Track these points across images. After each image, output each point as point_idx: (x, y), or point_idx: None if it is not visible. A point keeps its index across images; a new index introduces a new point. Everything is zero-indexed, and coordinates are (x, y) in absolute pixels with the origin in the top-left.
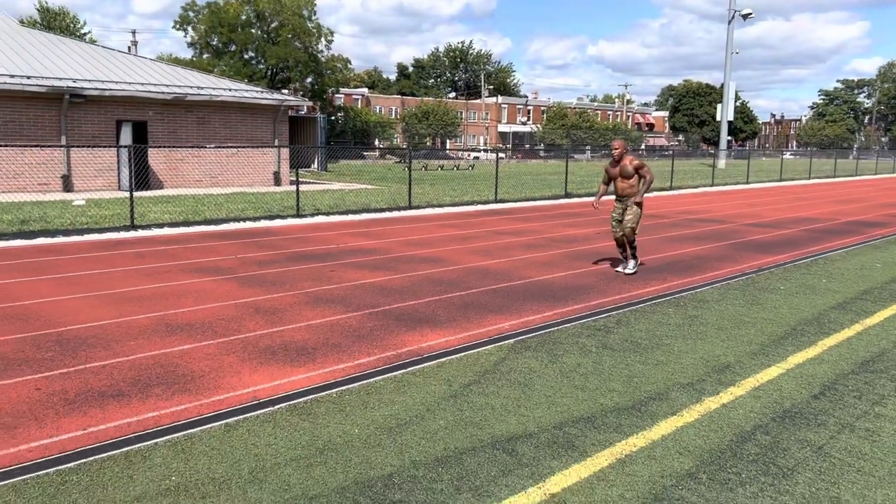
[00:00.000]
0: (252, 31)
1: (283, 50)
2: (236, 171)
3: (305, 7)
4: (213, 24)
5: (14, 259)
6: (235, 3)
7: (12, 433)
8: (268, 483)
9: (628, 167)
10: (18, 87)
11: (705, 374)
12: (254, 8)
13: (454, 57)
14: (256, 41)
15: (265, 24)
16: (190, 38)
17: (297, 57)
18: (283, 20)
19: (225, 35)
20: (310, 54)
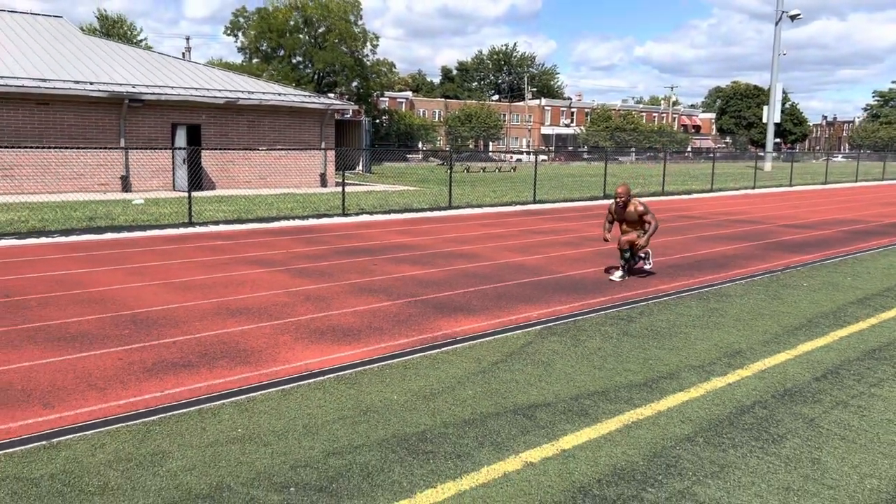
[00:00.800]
0: (300, 37)
1: (329, 55)
2: (284, 173)
3: (352, 12)
4: (262, 29)
5: (87, 251)
6: (284, 9)
7: (104, 393)
8: (319, 435)
9: (633, 213)
10: (82, 92)
11: (716, 358)
12: (302, 14)
13: (498, 60)
14: (304, 46)
15: (313, 29)
16: (240, 43)
17: (343, 61)
18: (329, 25)
19: (274, 40)
20: (355, 59)
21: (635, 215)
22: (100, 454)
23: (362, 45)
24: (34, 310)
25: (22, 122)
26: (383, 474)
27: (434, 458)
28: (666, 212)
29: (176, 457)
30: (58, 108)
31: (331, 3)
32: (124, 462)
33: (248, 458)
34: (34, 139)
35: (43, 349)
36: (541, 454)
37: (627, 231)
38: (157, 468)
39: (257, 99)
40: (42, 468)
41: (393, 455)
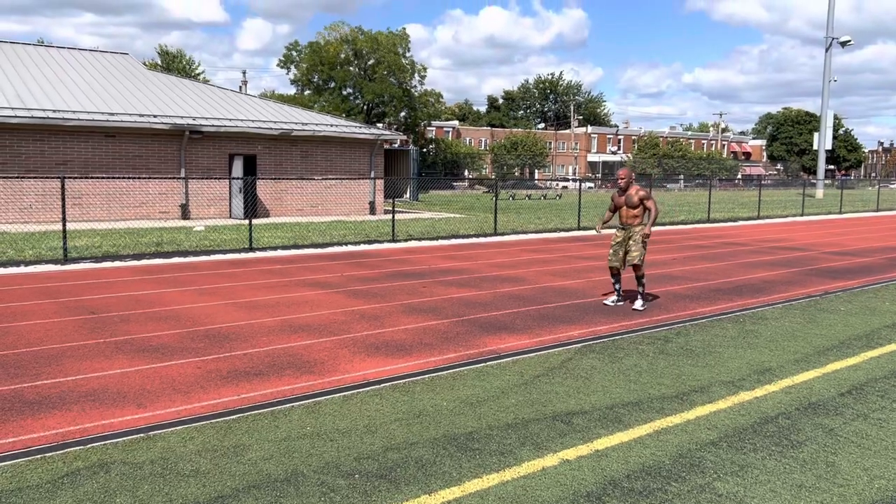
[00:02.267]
0: (350, 69)
1: (379, 86)
2: (335, 201)
3: (400, 44)
4: (314, 62)
5: (158, 274)
6: (335, 43)
7: (187, 396)
8: (378, 433)
9: (633, 197)
10: (146, 125)
11: (746, 375)
12: (352, 47)
13: (544, 88)
14: (354, 78)
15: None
16: (293, 75)
17: (391, 92)
18: (379, 58)
19: (325, 73)
20: (404, 90)
21: (635, 199)
22: (190, 445)
23: (410, 77)
24: (118, 325)
25: (91, 153)
26: (435, 466)
27: (480, 455)
28: (710, 238)
29: (255, 448)
30: (123, 139)
31: (380, 37)
32: (211, 452)
33: (318, 450)
34: (102, 169)
35: (130, 358)
36: (576, 453)
37: (627, 221)
38: (240, 457)
39: (310, 130)
40: (143, 455)
41: (444, 451)
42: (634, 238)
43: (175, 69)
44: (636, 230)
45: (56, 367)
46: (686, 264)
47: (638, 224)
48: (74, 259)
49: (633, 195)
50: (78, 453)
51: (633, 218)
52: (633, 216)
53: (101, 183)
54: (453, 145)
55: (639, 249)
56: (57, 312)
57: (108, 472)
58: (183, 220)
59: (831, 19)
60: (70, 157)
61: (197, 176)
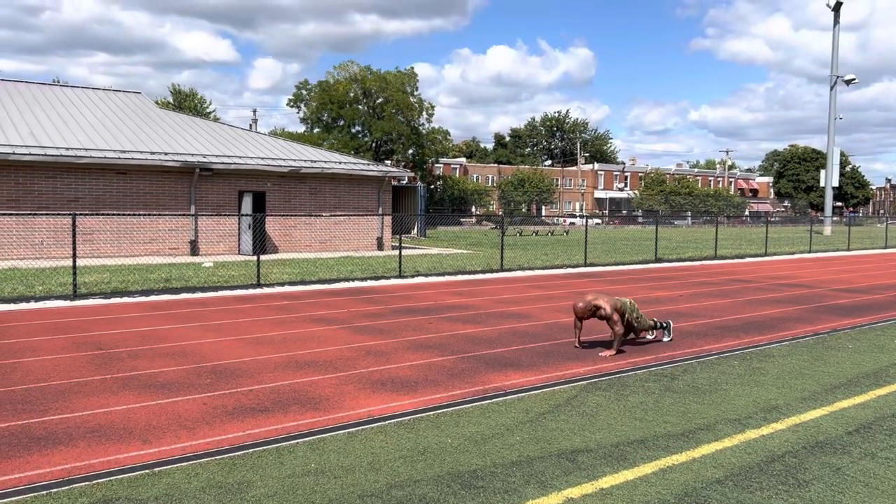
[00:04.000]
0: (359, 108)
1: (387, 124)
2: (343, 237)
3: (408, 83)
4: (323, 101)
5: (166, 310)
6: (344, 82)
7: (193, 432)
8: (382, 471)
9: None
10: (157, 162)
11: (753, 413)
12: (361, 86)
13: (551, 126)
14: (363, 116)
15: (371, 100)
16: (303, 114)
17: (399, 130)
18: (387, 96)
19: (334, 111)
20: (412, 127)
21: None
22: (195, 482)
23: (418, 115)
24: (125, 361)
25: (102, 190)
26: None
27: (484, 492)
28: (717, 275)
29: (259, 485)
30: (134, 176)
31: (388, 76)
32: (216, 489)
33: (321, 487)
34: (113, 206)
35: (137, 394)
36: (581, 491)
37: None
38: (244, 494)
39: (319, 167)
40: (148, 491)
41: (448, 489)
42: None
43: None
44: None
45: (63, 402)
46: (693, 301)
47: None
48: (84, 295)
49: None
50: (83, 489)
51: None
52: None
53: (112, 219)
54: (461, 182)
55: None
56: (65, 348)
57: None
58: (192, 257)
59: (836, 58)
60: (82, 193)
61: (207, 212)
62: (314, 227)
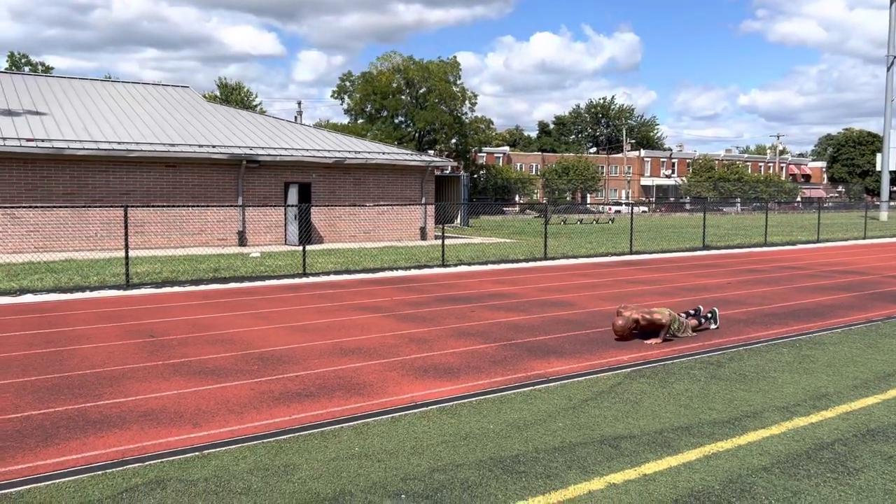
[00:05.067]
0: (402, 98)
1: (430, 114)
2: (387, 227)
3: (451, 73)
4: (366, 92)
5: (215, 299)
6: (387, 73)
7: (241, 416)
8: (425, 455)
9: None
10: (205, 155)
11: (802, 401)
12: (404, 76)
13: (596, 113)
14: (406, 106)
15: (414, 90)
16: (346, 105)
17: (442, 120)
18: (430, 86)
19: (377, 102)
20: (454, 117)
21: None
22: (242, 464)
23: (461, 104)
24: (176, 348)
25: (153, 183)
26: (481, 488)
27: (526, 477)
28: (767, 262)
29: (304, 468)
30: (183, 169)
31: (431, 65)
32: (262, 471)
33: (365, 470)
34: (163, 198)
35: (187, 380)
36: (623, 477)
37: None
38: (290, 476)
39: (363, 158)
40: (198, 472)
41: (489, 473)
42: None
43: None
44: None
45: (117, 387)
46: (741, 288)
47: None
48: (136, 285)
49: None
50: (136, 470)
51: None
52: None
53: (162, 211)
54: (504, 171)
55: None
56: (118, 336)
57: (164, 489)
58: (240, 247)
59: (893, 37)
60: (133, 186)
61: (254, 204)
62: (358, 218)
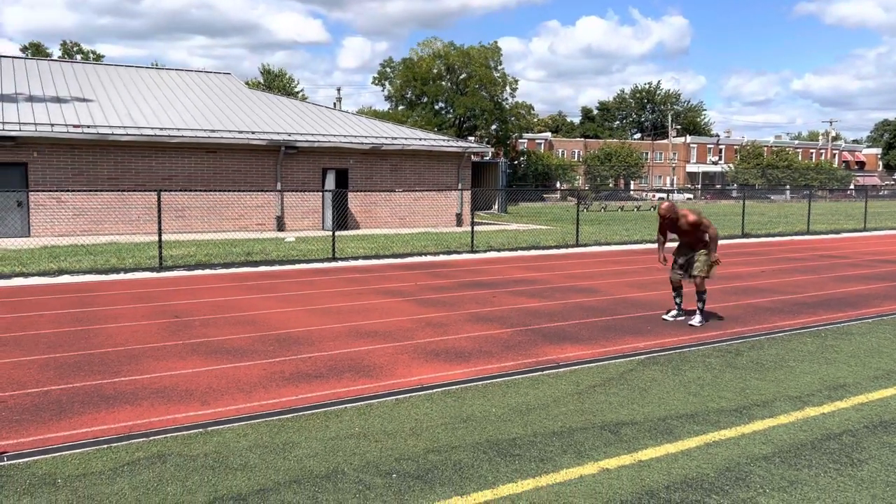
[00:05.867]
0: (442, 84)
1: (470, 100)
2: (423, 213)
3: (492, 58)
4: (407, 78)
5: (243, 281)
6: (428, 58)
7: (249, 395)
8: (422, 436)
9: (686, 226)
10: (245, 141)
11: (817, 391)
12: (444, 62)
13: (641, 98)
14: (446, 93)
15: (454, 76)
16: (387, 91)
17: (482, 106)
18: (470, 72)
19: (418, 88)
20: (495, 102)
21: (688, 226)
22: (243, 441)
23: (501, 90)
24: (198, 328)
25: (193, 168)
26: (473, 469)
27: (520, 460)
28: (806, 251)
29: (303, 446)
30: (224, 155)
31: (472, 51)
32: (261, 448)
33: (361, 450)
34: (203, 183)
35: (203, 359)
36: (618, 462)
37: (684, 248)
38: (287, 454)
39: (400, 144)
40: (199, 448)
41: (484, 455)
42: (699, 256)
43: (276, 87)
44: (700, 251)
45: (135, 365)
46: (775, 277)
47: (700, 247)
48: (169, 267)
49: (684, 224)
50: (140, 444)
51: (692, 243)
52: (691, 242)
53: (203, 196)
54: (545, 157)
55: (704, 265)
56: (145, 316)
57: (165, 463)
58: (278, 232)
59: None
60: (175, 172)
61: (292, 189)
62: (394, 204)
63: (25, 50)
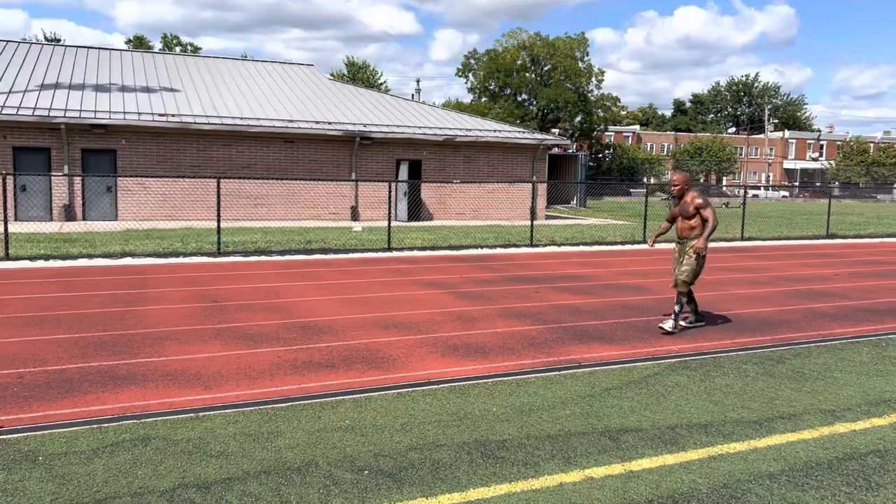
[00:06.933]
0: (526, 75)
1: (553, 91)
2: (496, 206)
3: (578, 49)
4: (490, 70)
5: (294, 269)
6: (512, 50)
7: (254, 382)
8: (411, 433)
9: (689, 206)
10: (321, 131)
11: (855, 405)
12: (529, 53)
13: (737, 91)
14: (530, 84)
15: (539, 67)
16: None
17: (566, 97)
18: (555, 63)
19: (501, 80)
20: (579, 94)
21: (690, 208)
22: (230, 428)
23: (587, 81)
24: (231, 313)
25: (271, 157)
26: (449, 470)
27: (502, 463)
28: (892, 254)
29: (286, 436)
30: (301, 145)
31: (558, 41)
32: (245, 436)
33: (343, 443)
34: (281, 172)
35: (223, 344)
36: (606, 472)
37: (682, 233)
38: (268, 443)
39: (473, 136)
40: (184, 433)
41: (467, 456)
42: (688, 253)
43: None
44: (691, 243)
45: (156, 347)
46: (847, 281)
47: (694, 236)
48: (227, 252)
49: (688, 203)
50: (129, 426)
51: (688, 230)
52: (688, 228)
53: (279, 185)
54: (631, 150)
55: (689, 264)
56: (185, 299)
57: (146, 446)
58: (351, 222)
59: None
60: (253, 160)
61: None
62: (467, 196)
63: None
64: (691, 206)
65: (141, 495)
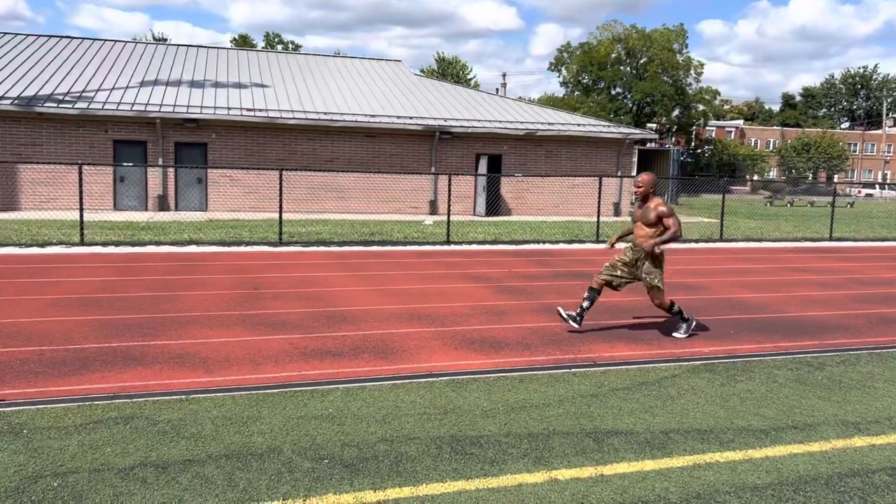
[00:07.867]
0: (621, 69)
1: (648, 84)
2: (577, 201)
3: (676, 41)
4: (584, 63)
5: (344, 259)
6: (607, 43)
7: (257, 367)
8: (388, 424)
9: (651, 212)
10: (402, 126)
11: (884, 418)
12: (624, 46)
13: (853, 83)
14: (624, 77)
15: (634, 60)
16: (562, 77)
17: (663, 91)
18: (651, 55)
19: (594, 73)
20: (677, 88)
21: (652, 214)
22: (213, 412)
23: (685, 74)
24: (266, 301)
25: (353, 151)
26: (410, 464)
27: (468, 460)
28: None
29: (264, 422)
30: (382, 140)
31: (654, 34)
32: (225, 420)
33: (315, 432)
34: (363, 166)
35: (243, 330)
36: (573, 474)
37: (638, 240)
38: (243, 428)
39: (555, 130)
40: (167, 415)
41: (434, 450)
42: (646, 268)
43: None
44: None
45: (178, 331)
46: None
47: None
48: (287, 243)
49: (650, 209)
50: (119, 405)
51: (645, 238)
52: (645, 236)
53: (362, 178)
54: (731, 146)
55: (652, 272)
56: (227, 286)
57: (126, 425)
58: (431, 216)
59: None
60: (336, 154)
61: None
62: (548, 190)
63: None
64: (653, 213)
65: (99, 472)
